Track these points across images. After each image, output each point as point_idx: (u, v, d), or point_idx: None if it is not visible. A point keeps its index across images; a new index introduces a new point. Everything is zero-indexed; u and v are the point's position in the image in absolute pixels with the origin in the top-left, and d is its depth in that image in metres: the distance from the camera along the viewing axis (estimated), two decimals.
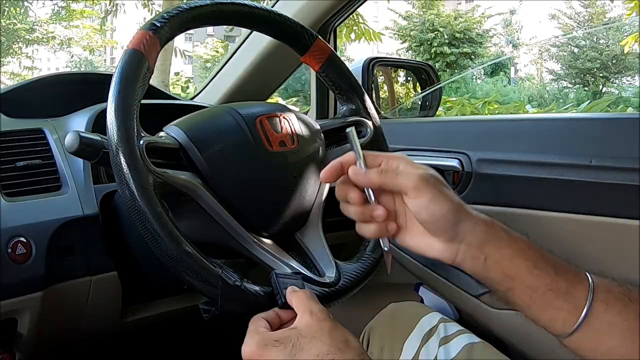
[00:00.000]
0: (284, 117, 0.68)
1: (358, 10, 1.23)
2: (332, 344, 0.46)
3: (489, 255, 0.52)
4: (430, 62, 1.77)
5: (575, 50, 14.41)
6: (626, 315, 0.52)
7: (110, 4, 7.78)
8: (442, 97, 1.57)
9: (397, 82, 1.50)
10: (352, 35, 5.19)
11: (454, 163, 1.01)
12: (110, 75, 0.57)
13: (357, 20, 5.05)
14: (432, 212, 0.52)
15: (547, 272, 0.52)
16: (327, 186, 0.72)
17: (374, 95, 1.30)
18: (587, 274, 0.54)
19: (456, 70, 14.21)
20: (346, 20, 1.21)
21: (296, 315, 0.52)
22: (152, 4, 7.18)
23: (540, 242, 0.93)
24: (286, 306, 0.54)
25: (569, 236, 0.89)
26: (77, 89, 1.02)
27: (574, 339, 0.52)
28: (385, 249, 0.56)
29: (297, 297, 0.52)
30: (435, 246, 0.54)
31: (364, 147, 0.76)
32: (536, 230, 0.93)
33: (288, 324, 0.52)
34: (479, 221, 0.53)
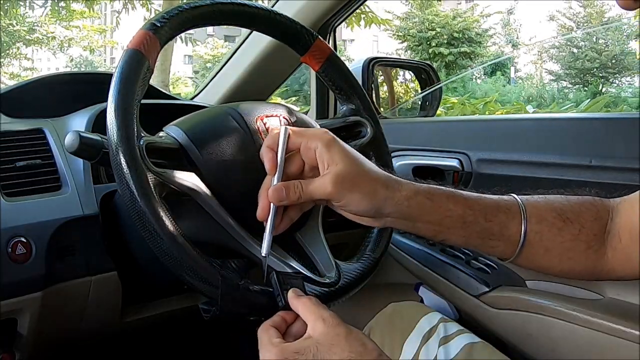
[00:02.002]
0: (283, 117, 0.68)
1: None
2: (352, 349, 0.47)
3: (416, 220, 0.55)
4: (429, 62, 1.77)
5: (575, 50, 14.41)
6: (561, 238, 0.56)
7: (120, 2, 7.79)
8: (442, 97, 1.57)
9: (396, 80, 1.50)
10: (362, 23, 5.27)
11: (454, 163, 1.01)
12: (110, 75, 0.57)
13: (365, 10, 5.14)
14: (350, 210, 0.55)
15: (476, 222, 0.55)
16: None
17: (374, 95, 1.30)
18: (521, 203, 0.57)
19: (455, 70, 14.21)
20: (347, 18, 1.21)
21: (298, 315, 0.52)
22: (151, 4, 7.19)
23: None
24: (288, 307, 0.54)
25: None
26: (77, 89, 1.01)
27: (516, 262, 0.58)
28: (264, 253, 0.56)
29: (303, 305, 0.52)
30: (365, 220, 0.57)
31: (364, 146, 0.76)
32: None
33: (293, 327, 0.52)
34: (399, 197, 0.55)
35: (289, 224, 0.58)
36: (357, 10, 4.86)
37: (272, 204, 0.55)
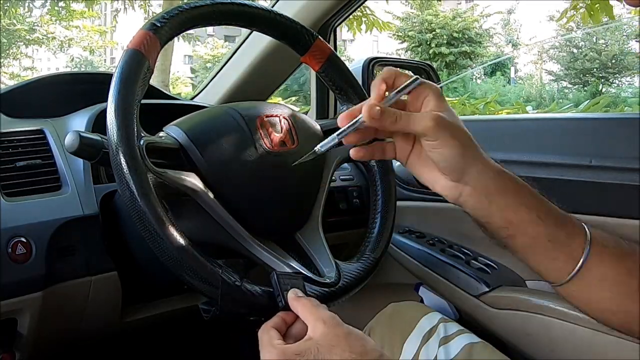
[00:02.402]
0: (284, 117, 0.68)
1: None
2: (352, 350, 0.47)
3: (492, 201, 0.54)
4: (429, 62, 1.77)
5: (574, 50, 14.41)
6: (618, 270, 0.54)
7: (119, 2, 7.79)
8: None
9: None
10: (363, 27, 5.22)
11: None
12: (110, 75, 0.57)
13: (366, 13, 5.09)
14: (440, 153, 0.52)
15: (548, 223, 0.54)
16: (328, 186, 0.72)
17: None
18: (585, 226, 0.55)
19: (455, 70, 14.20)
20: (355, 12, 1.21)
21: (297, 316, 0.52)
22: (149, 7, 7.18)
23: None
24: (287, 307, 0.54)
25: None
26: (77, 89, 1.01)
27: (567, 288, 0.55)
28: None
29: (303, 306, 0.52)
30: (441, 182, 0.55)
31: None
32: None
33: (293, 328, 0.52)
34: (488, 167, 0.54)
35: (359, 152, 0.57)
36: (358, 14, 4.86)
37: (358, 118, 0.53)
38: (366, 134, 0.55)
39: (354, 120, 0.53)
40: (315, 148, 0.56)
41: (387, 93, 0.54)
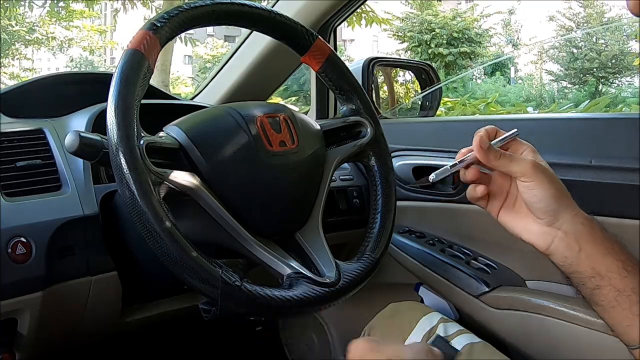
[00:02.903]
0: (284, 117, 0.68)
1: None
2: None
3: (582, 248, 0.54)
4: (429, 62, 1.77)
5: (574, 50, 14.41)
6: None
7: (119, 2, 7.79)
8: (442, 97, 1.57)
9: (396, 80, 1.50)
10: (363, 22, 5.25)
11: None
12: (110, 75, 0.57)
13: (365, 10, 5.11)
14: (536, 194, 0.55)
15: (634, 274, 0.53)
16: (327, 186, 0.72)
17: (374, 95, 1.30)
18: None
19: (455, 70, 14.20)
20: (347, 18, 1.21)
21: None
22: (152, 3, 7.18)
23: None
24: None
25: None
26: (77, 89, 1.01)
27: None
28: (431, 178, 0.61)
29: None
30: (534, 229, 0.57)
31: (364, 147, 0.76)
32: None
33: None
34: (579, 213, 0.56)
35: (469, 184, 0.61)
36: (358, 10, 4.86)
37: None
38: (472, 173, 0.60)
39: (467, 155, 0.60)
40: (430, 177, 0.61)
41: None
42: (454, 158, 1.01)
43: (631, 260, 0.54)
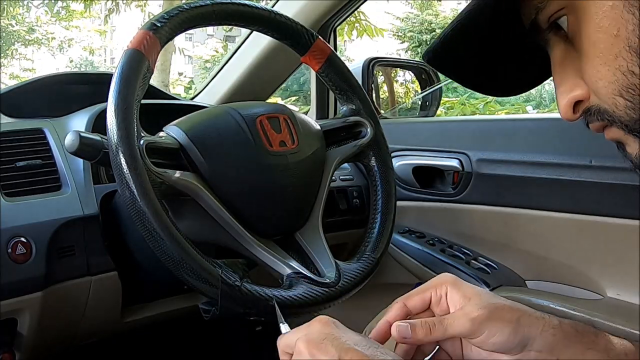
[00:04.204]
0: (284, 117, 0.68)
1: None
2: None
3: (560, 355, 0.50)
4: None
5: None
6: None
7: (112, 2, 7.78)
8: (442, 97, 1.57)
9: (396, 80, 1.50)
10: (354, 33, 5.15)
11: (454, 163, 1.01)
12: (110, 75, 0.57)
13: (358, 18, 5.02)
14: (493, 344, 0.48)
15: (619, 357, 0.50)
16: (327, 186, 0.72)
17: (374, 95, 1.30)
18: None
19: None
20: (347, 18, 1.21)
21: None
22: (146, 7, 7.18)
23: (540, 242, 0.94)
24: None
25: (569, 236, 0.89)
26: (77, 89, 1.01)
27: None
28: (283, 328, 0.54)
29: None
30: (503, 358, 0.50)
31: (364, 147, 0.76)
32: (536, 230, 0.93)
33: None
34: (546, 325, 0.50)
35: None
36: (351, 19, 4.81)
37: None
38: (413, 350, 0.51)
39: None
40: None
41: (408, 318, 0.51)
42: (454, 158, 1.02)
43: (612, 344, 0.50)
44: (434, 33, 14.32)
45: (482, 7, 0.37)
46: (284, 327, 0.53)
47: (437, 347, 0.51)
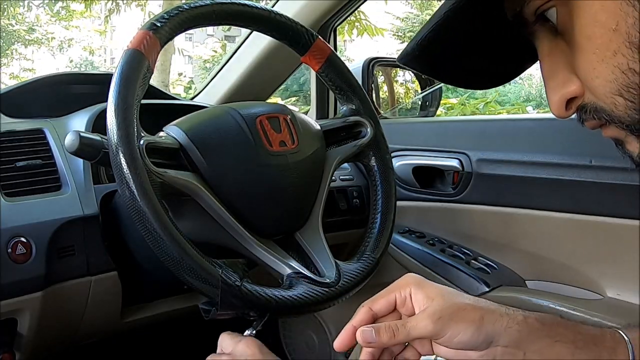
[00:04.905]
0: (284, 117, 0.68)
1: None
2: None
3: (527, 350, 0.49)
4: None
5: None
6: None
7: (112, 3, 7.79)
8: (442, 97, 1.57)
9: (396, 80, 1.50)
10: (354, 32, 5.14)
11: (454, 163, 1.01)
12: (110, 75, 0.57)
13: (358, 17, 5.02)
14: (458, 342, 0.48)
15: (588, 348, 0.50)
16: (327, 186, 0.72)
17: (374, 95, 1.30)
18: (621, 331, 0.51)
19: None
20: (347, 18, 1.21)
21: None
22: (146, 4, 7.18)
23: (540, 242, 0.94)
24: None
25: (569, 236, 0.89)
26: (77, 89, 1.01)
27: None
28: (247, 333, 0.57)
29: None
30: (473, 357, 0.50)
31: (364, 147, 0.76)
32: (536, 230, 0.93)
33: None
34: (510, 321, 0.49)
35: None
36: (352, 18, 4.82)
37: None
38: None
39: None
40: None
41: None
42: (454, 158, 1.02)
43: (580, 333, 0.50)
44: None
45: (463, 4, 0.35)
46: (248, 331, 0.58)
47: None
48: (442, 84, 1.36)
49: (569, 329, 0.51)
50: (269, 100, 1.32)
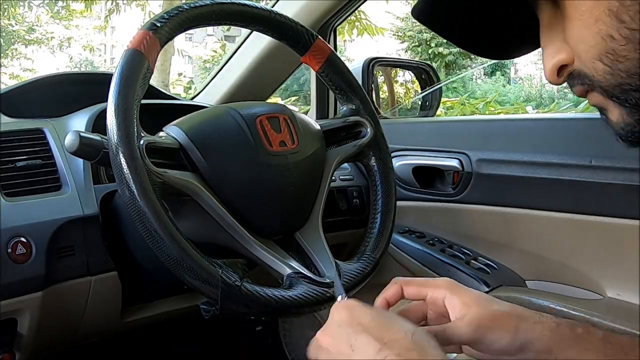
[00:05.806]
0: (284, 117, 0.68)
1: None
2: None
3: (558, 356, 0.50)
4: (429, 62, 1.77)
5: None
6: None
7: (112, 2, 7.79)
8: (442, 97, 1.57)
9: (396, 80, 1.50)
10: (355, 32, 5.14)
11: (454, 163, 1.01)
12: (110, 75, 0.57)
13: (358, 17, 5.02)
14: (494, 350, 0.49)
15: (616, 356, 0.50)
16: (328, 186, 0.72)
17: (374, 95, 1.30)
18: None
19: (455, 70, 14.19)
20: (347, 18, 1.21)
21: None
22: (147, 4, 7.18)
23: (540, 242, 0.94)
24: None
25: (569, 236, 0.89)
26: (77, 89, 1.01)
27: None
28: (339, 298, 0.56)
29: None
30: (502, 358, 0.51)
31: (364, 147, 0.77)
32: (536, 230, 0.93)
33: None
34: (544, 329, 0.50)
35: None
36: (352, 17, 4.83)
37: None
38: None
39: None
40: None
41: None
42: (454, 158, 1.02)
43: (609, 341, 0.50)
44: (434, 33, 14.32)
45: None
46: (340, 297, 0.56)
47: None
48: (442, 84, 1.36)
49: (599, 337, 0.51)
50: (269, 100, 1.32)
